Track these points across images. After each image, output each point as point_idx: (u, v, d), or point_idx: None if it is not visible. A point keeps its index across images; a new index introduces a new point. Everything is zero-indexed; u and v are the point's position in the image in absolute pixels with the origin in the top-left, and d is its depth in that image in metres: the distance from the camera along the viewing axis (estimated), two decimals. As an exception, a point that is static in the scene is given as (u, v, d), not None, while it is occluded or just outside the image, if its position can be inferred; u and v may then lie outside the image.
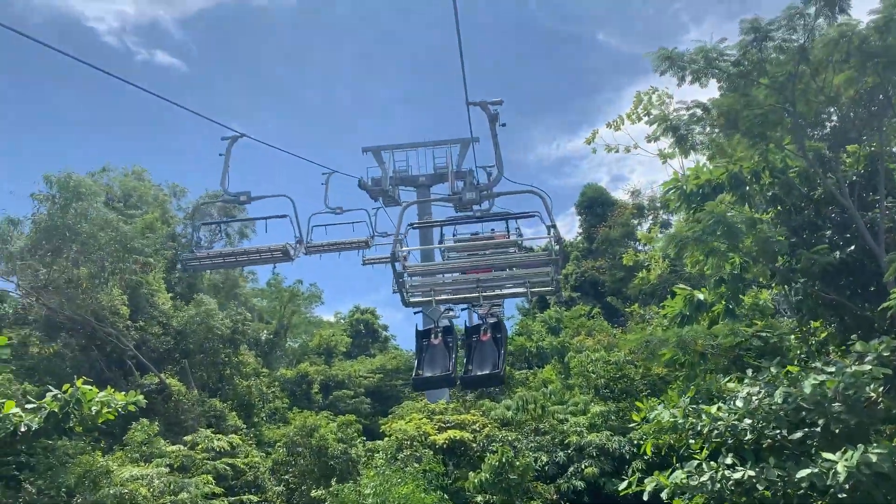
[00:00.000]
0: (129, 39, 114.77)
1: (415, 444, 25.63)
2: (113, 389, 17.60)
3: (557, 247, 11.29)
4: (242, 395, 34.41)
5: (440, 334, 13.41)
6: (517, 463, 21.22)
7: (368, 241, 21.18)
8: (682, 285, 17.71)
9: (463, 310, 16.11)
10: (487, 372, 13.09)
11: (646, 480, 14.36)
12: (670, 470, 13.44)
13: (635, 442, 23.81)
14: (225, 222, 27.55)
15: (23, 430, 16.28)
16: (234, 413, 30.43)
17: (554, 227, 10.91)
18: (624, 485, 14.93)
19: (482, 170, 36.77)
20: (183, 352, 29.65)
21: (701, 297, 17.22)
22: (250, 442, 31.04)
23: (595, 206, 56.94)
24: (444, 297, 12.17)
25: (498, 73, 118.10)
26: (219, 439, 21.11)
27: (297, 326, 64.79)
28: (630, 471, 23.26)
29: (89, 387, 17.23)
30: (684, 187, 17.68)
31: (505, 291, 12.31)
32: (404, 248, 11.37)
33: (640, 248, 43.70)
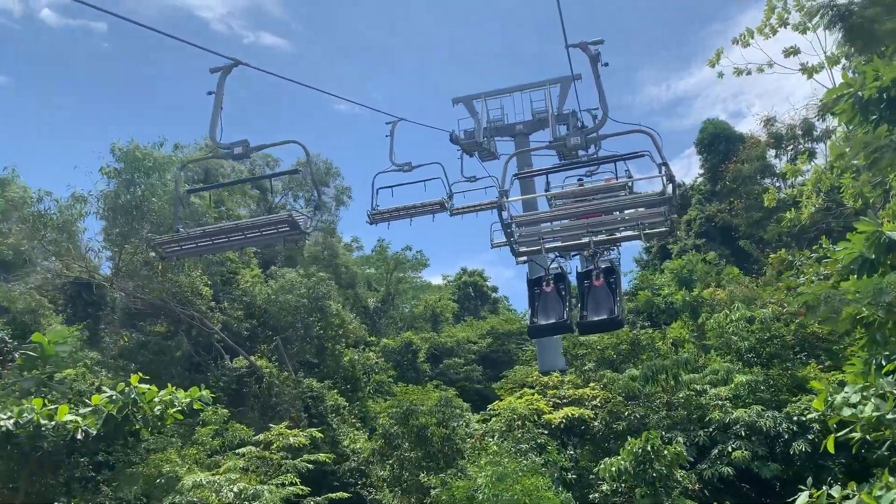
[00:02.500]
0: (236, 23, 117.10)
1: (526, 423, 22.60)
2: (174, 388, 15.85)
3: (670, 185, 10.68)
4: (346, 369, 32.58)
5: (552, 282, 13.02)
6: (665, 452, 17.60)
7: (444, 203, 18.21)
8: (865, 219, 13.32)
9: (574, 256, 14.40)
10: (605, 317, 12.54)
11: (833, 492, 10.48)
12: (877, 485, 9.50)
13: (794, 418, 19.65)
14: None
15: (80, 436, 14.85)
16: (334, 391, 28.52)
17: (665, 165, 10.46)
18: (803, 498, 11.06)
19: (587, 113, 33.31)
20: (274, 329, 27.96)
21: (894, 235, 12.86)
22: (353, 420, 29.12)
23: (717, 142, 50.81)
24: (553, 245, 11.81)
25: (598, 16, 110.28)
26: (295, 435, 19.01)
27: (404, 293, 63.19)
28: (791, 453, 19.28)
29: (147, 385, 15.48)
30: (860, 93, 13.23)
31: (617, 236, 11.88)
32: (509, 199, 11.22)
33: (779, 184, 37.91)
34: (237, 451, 18.48)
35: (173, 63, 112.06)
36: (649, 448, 17.71)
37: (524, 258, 13.93)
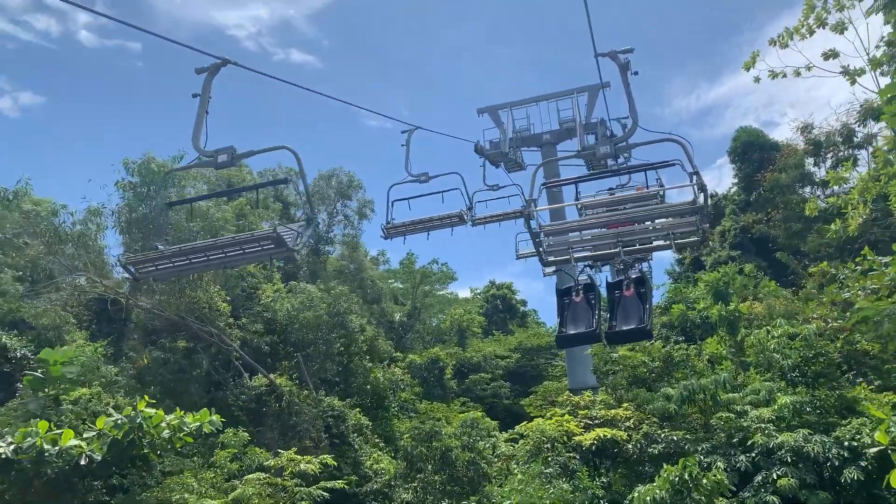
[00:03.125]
0: (266, 41, 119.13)
1: (556, 445, 21.50)
2: (183, 413, 15.15)
3: (702, 194, 10.48)
4: (371, 386, 31.78)
5: (581, 291, 13.01)
6: (704, 481, 16.37)
7: (463, 215, 17.51)
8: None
9: (604, 265, 14.39)
10: (633, 326, 12.38)
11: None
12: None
13: (845, 443, 18.26)
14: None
15: (83, 462, 14.22)
16: (356, 410, 27.71)
17: (697, 173, 10.33)
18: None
19: (615, 122, 32.49)
20: (295, 346, 27.30)
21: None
22: (377, 440, 28.27)
23: (751, 151, 49.26)
24: (583, 254, 11.79)
25: (626, 28, 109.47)
26: (308, 461, 18.16)
27: (431, 307, 62.38)
28: (842, 481, 17.92)
29: (153, 410, 14.83)
30: (919, 92, 12.09)
31: (647, 245, 11.79)
32: (537, 208, 11.12)
33: (818, 193, 36.33)
34: (247, 478, 17.71)
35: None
36: (687, 476, 16.50)
37: (552, 268, 14.36)
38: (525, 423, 23.61)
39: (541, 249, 11.45)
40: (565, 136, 39.01)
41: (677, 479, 16.48)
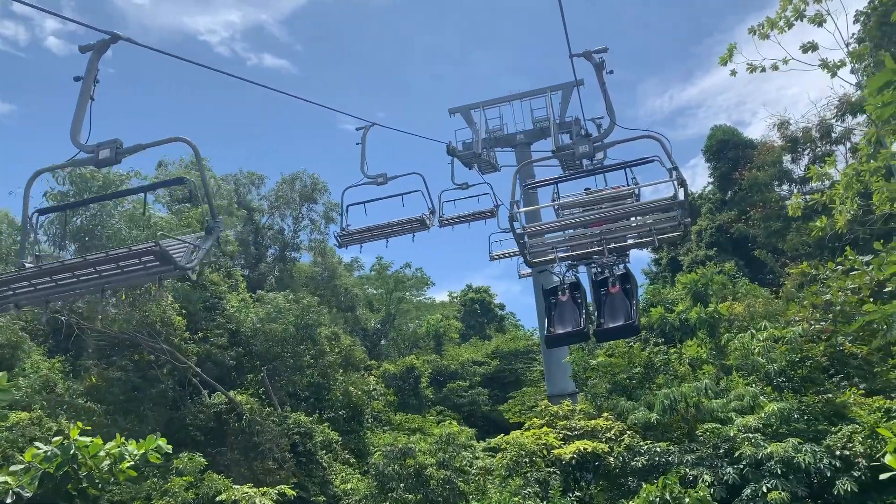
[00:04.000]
0: (239, 46, 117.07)
1: (535, 459, 20.40)
2: (123, 439, 13.80)
3: (682, 189, 10.43)
4: (345, 398, 30.38)
5: (567, 291, 13.05)
6: (687, 500, 15.36)
7: (425, 220, 16.61)
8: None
9: (583, 265, 13.79)
10: (621, 323, 12.40)
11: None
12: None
13: (837, 453, 17.39)
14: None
15: (9, 501, 12.77)
16: (325, 425, 26.35)
17: (676, 168, 10.41)
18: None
19: (590, 122, 31.67)
20: (262, 359, 25.89)
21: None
22: (347, 455, 26.94)
23: (726, 149, 48.73)
24: (566, 254, 11.77)
25: (598, 31, 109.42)
26: (264, 493, 16.79)
27: (407, 313, 61.08)
28: (835, 493, 17.05)
29: (89, 438, 13.46)
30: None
31: (630, 242, 11.88)
32: (520, 210, 11.31)
33: (797, 190, 35.73)
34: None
35: (177, 87, 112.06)
36: (668, 496, 15.50)
37: (529, 270, 15.29)
38: (502, 435, 22.47)
39: (525, 251, 11.47)
40: (539, 136, 38.08)
41: (657, 499, 15.46)
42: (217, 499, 16.88)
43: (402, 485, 20.35)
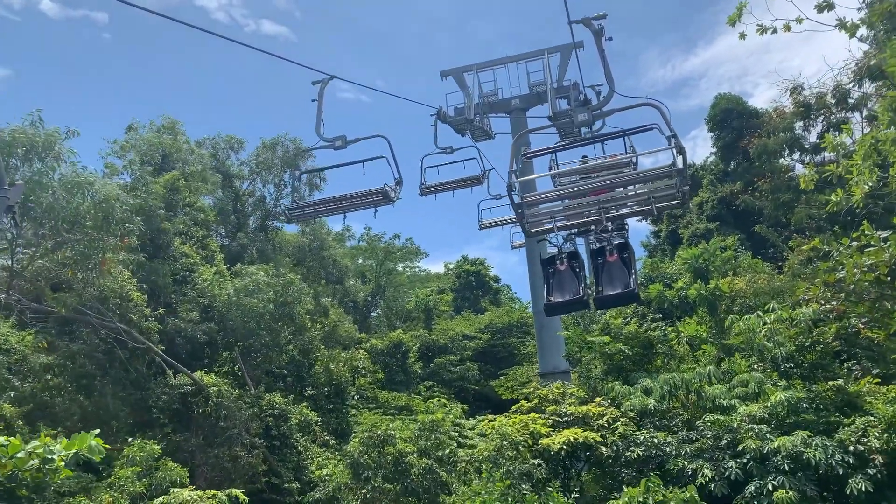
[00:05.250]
0: (237, 13, 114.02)
1: (521, 449, 18.93)
2: (49, 437, 12.26)
3: (681, 157, 10.58)
4: (328, 376, 28.91)
5: (566, 260, 13.13)
6: (672, 502, 13.90)
7: (388, 192, 14.98)
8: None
9: (586, 234, 14.05)
10: (620, 290, 12.51)
11: None
12: None
13: (851, 448, 15.89)
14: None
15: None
16: (303, 405, 24.89)
17: (675, 136, 10.48)
18: None
19: (589, 89, 29.87)
20: (237, 335, 24.26)
21: None
22: (327, 437, 25.55)
23: (730, 118, 46.89)
24: (565, 222, 11.78)
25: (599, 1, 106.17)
26: (211, 497, 15.18)
27: (401, 285, 59.55)
28: (847, 493, 15.62)
29: (4, 438, 11.92)
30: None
31: (628, 211, 11.81)
32: (518, 179, 11.31)
33: (809, 160, 33.82)
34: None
35: (175, 51, 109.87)
36: (651, 501, 14.06)
37: (533, 238, 15.88)
38: (488, 419, 20.99)
39: (523, 221, 11.51)
40: (535, 102, 36.01)
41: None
42: (158, 502, 15.35)
43: (380, 473, 18.93)
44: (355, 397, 33.35)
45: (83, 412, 19.87)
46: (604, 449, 18.58)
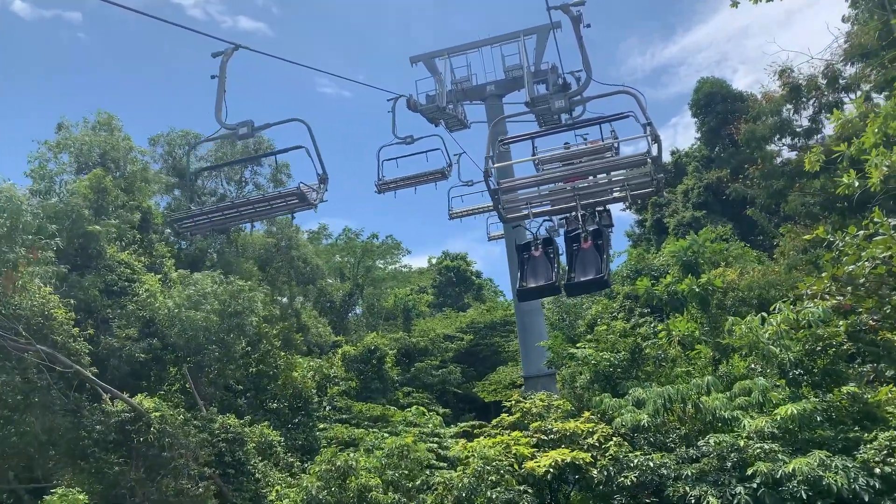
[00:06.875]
0: (214, 9, 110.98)
1: (502, 474, 16.79)
2: None
3: (655, 145, 10.81)
4: (294, 388, 26.57)
5: (540, 246, 13.21)
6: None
7: (305, 194, 12.74)
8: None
9: (561, 219, 14.19)
10: (591, 277, 12.50)
11: None
12: None
13: (876, 470, 13.91)
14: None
15: None
16: (263, 424, 22.62)
17: (650, 124, 10.71)
18: None
19: (569, 75, 28.27)
20: (184, 351, 21.89)
21: None
22: (292, 459, 23.28)
23: (714, 102, 45.10)
24: (541, 209, 11.99)
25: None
26: None
27: (382, 282, 57.13)
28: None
29: None
30: None
31: (604, 198, 12.11)
32: (495, 165, 11.56)
33: (800, 143, 31.93)
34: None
35: (152, 51, 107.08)
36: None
37: (509, 225, 17.75)
38: (464, 442, 18.85)
39: (500, 207, 11.61)
40: (512, 87, 33.80)
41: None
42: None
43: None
44: (326, 408, 31.10)
45: (5, 447, 17.52)
46: (594, 472, 16.50)
